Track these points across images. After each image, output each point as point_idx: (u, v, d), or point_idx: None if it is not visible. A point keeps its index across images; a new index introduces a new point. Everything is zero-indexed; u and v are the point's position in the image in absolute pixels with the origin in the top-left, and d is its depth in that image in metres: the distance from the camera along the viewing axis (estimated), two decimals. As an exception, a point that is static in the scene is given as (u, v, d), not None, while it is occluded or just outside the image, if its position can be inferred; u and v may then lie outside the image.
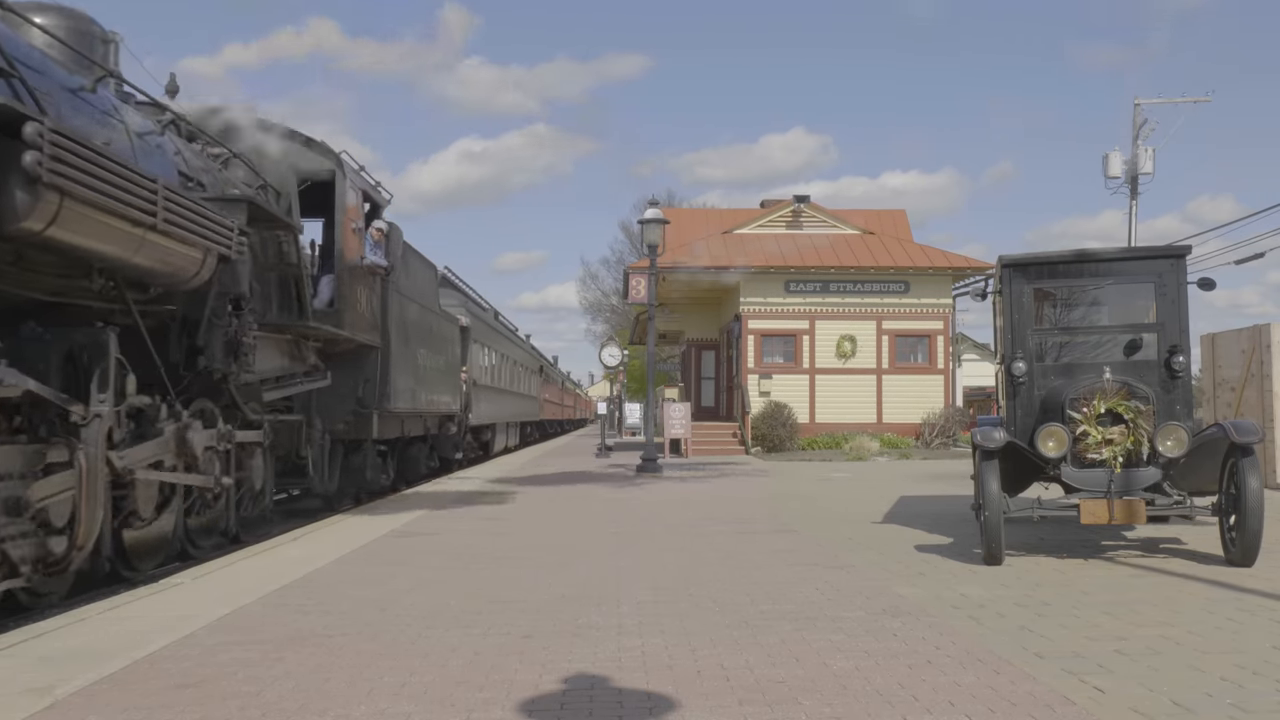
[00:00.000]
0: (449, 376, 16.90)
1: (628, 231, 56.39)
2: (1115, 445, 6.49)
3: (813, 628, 4.71)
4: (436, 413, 15.94)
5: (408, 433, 14.24)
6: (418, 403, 14.12)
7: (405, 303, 13.41)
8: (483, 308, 26.59)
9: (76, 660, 4.18)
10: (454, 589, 5.80)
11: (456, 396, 17.71)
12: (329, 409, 11.23)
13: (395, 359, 12.60)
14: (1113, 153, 28.66)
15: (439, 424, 16.82)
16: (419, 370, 14.21)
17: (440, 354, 15.96)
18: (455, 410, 17.69)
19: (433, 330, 15.52)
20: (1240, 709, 3.40)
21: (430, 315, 15.41)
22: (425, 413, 15.04)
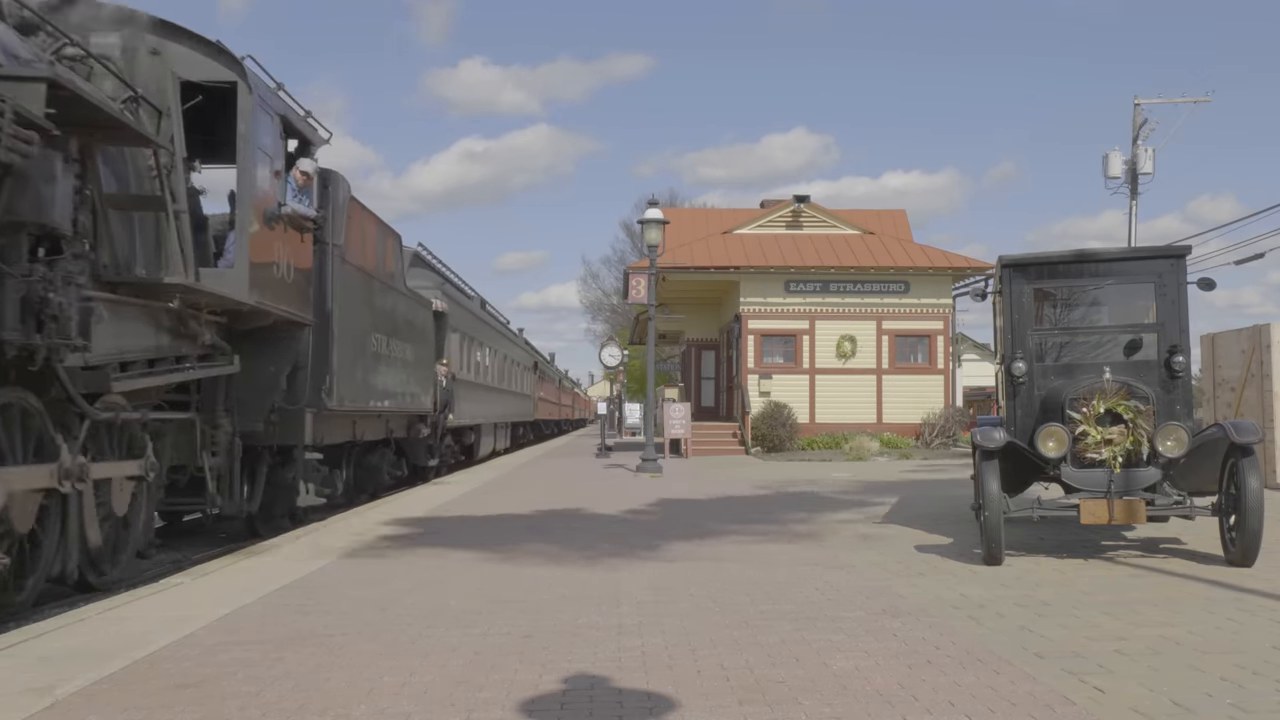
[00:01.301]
0: (420, 369, 14.57)
1: (629, 231, 56.46)
2: (1115, 445, 6.50)
3: (813, 628, 4.71)
4: (403, 411, 13.74)
5: (361, 436, 11.98)
6: (374, 399, 11.87)
7: (355, 275, 10.96)
8: (467, 294, 23.48)
9: (76, 660, 4.17)
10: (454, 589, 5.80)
11: (430, 393, 15.37)
12: (243, 405, 8.70)
13: (341, 343, 10.23)
14: (1113, 153, 28.67)
15: (407, 425, 14.48)
16: (377, 359, 11.96)
17: (408, 342, 13.68)
18: (428, 409, 15.35)
19: (396, 313, 13.12)
20: (1240, 709, 3.40)
21: (393, 295, 12.97)
22: (387, 411, 12.80)
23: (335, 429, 10.76)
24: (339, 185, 10.42)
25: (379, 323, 12.10)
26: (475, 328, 21.95)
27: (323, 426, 10.08)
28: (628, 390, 52.40)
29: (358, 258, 11.07)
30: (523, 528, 8.76)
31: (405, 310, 13.77)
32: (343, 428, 11.11)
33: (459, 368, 19.13)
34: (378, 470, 13.22)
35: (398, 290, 13.36)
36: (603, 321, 63.09)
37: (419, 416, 14.97)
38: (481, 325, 23.13)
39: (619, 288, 46.12)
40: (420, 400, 14.60)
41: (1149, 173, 28.37)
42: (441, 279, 19.43)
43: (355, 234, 10.93)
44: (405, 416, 14.15)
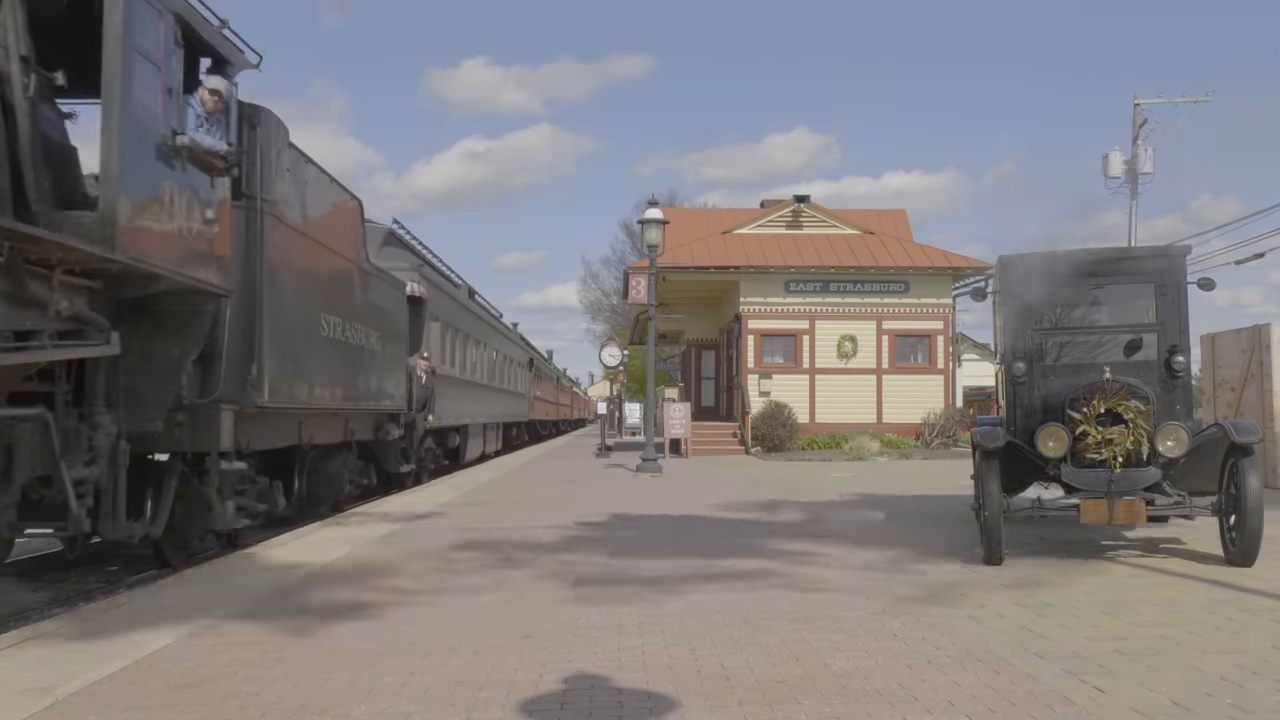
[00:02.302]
0: (391, 361, 12.62)
1: (628, 231, 56.45)
2: (1115, 445, 6.49)
3: (813, 628, 4.71)
4: (369, 410, 11.83)
5: (311, 439, 9.77)
6: (327, 394, 9.80)
7: (297, 241, 8.88)
8: (454, 283, 21.22)
9: (76, 660, 4.17)
10: (454, 589, 5.79)
11: (403, 389, 13.39)
12: (134, 400, 6.79)
13: (274, 323, 8.23)
14: (1113, 152, 28.67)
15: (375, 426, 12.48)
16: (332, 348, 9.90)
17: (374, 329, 11.69)
18: (401, 408, 13.35)
19: (358, 293, 11.04)
20: (1240, 709, 3.40)
21: (353, 271, 10.90)
22: (346, 410, 10.82)
23: (272, 430, 8.71)
24: (272, 127, 8.23)
25: (333, 303, 9.95)
26: (461, 318, 19.86)
27: (252, 427, 8.07)
28: (628, 390, 52.41)
29: (300, 221, 8.95)
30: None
31: (371, 291, 11.68)
32: (284, 429, 9.06)
33: (441, 361, 17.27)
34: (336, 479, 11.01)
35: (359, 266, 11.14)
36: (603, 321, 63.11)
37: (390, 416, 13.04)
38: (469, 316, 20.99)
39: (619, 288, 46.11)
40: (391, 397, 12.64)
41: (1149, 172, 28.38)
42: (419, 260, 17.01)
43: (297, 191, 8.86)
44: (372, 416, 12.25)
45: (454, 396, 18.36)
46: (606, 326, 60.63)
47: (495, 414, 24.43)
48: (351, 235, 10.93)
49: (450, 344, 18.42)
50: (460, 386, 19.26)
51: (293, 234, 8.81)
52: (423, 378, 14.85)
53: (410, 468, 14.49)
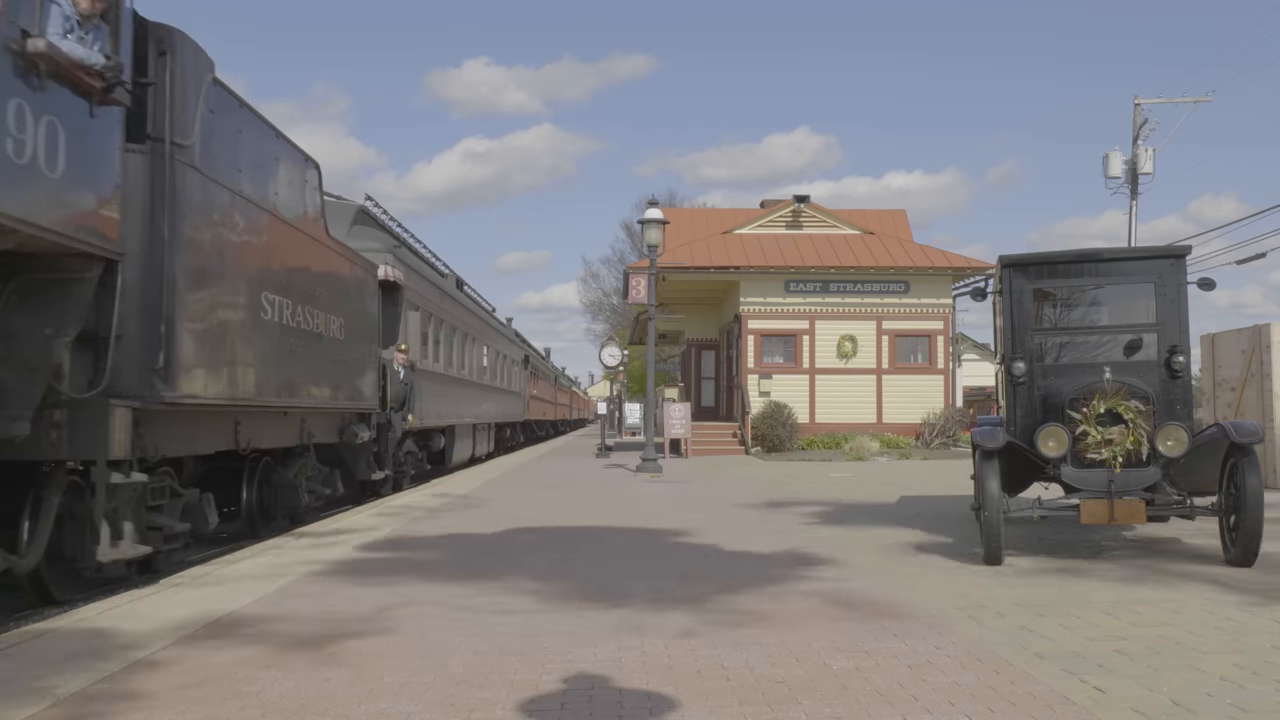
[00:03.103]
0: (358, 353, 11.11)
1: (629, 230, 56.52)
2: (1115, 445, 6.49)
3: (812, 627, 4.71)
4: (332, 409, 10.36)
5: (251, 442, 8.30)
6: (273, 388, 8.35)
7: (226, 201, 7.32)
8: (441, 272, 19.65)
9: (76, 660, 4.17)
10: (454, 589, 5.78)
11: (375, 385, 11.97)
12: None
13: (190, 296, 6.72)
14: (1113, 152, 28.69)
15: (339, 428, 11.02)
16: (276, 333, 8.43)
17: (336, 315, 10.18)
18: (373, 406, 11.88)
19: (313, 272, 9.45)
20: (1240, 709, 3.40)
21: (308, 245, 9.33)
22: (301, 408, 9.35)
23: (195, 432, 7.29)
24: (189, 56, 6.71)
25: (279, 281, 8.43)
26: (447, 308, 18.25)
27: (161, 428, 6.63)
28: (628, 390, 52.42)
29: (231, 177, 7.42)
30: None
31: (332, 271, 10.16)
32: (212, 430, 7.59)
33: (423, 356, 15.68)
34: (292, 490, 9.69)
35: (316, 240, 9.54)
36: (603, 321, 63.14)
37: (359, 416, 11.62)
38: (456, 307, 19.42)
39: (619, 288, 46.13)
40: (359, 394, 11.20)
41: (1149, 172, 28.39)
42: (395, 242, 15.19)
43: (226, 141, 7.36)
44: (335, 415, 10.79)
45: (438, 395, 16.93)
46: (607, 326, 60.67)
47: (486, 414, 23.01)
48: (304, 203, 9.26)
49: (434, 336, 16.86)
50: (446, 384, 17.83)
51: (219, 192, 7.22)
52: (400, 373, 13.55)
53: (385, 474, 13.01)
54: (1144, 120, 28.56)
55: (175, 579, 6.32)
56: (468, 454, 20.47)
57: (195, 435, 7.37)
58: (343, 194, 15.00)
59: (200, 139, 6.86)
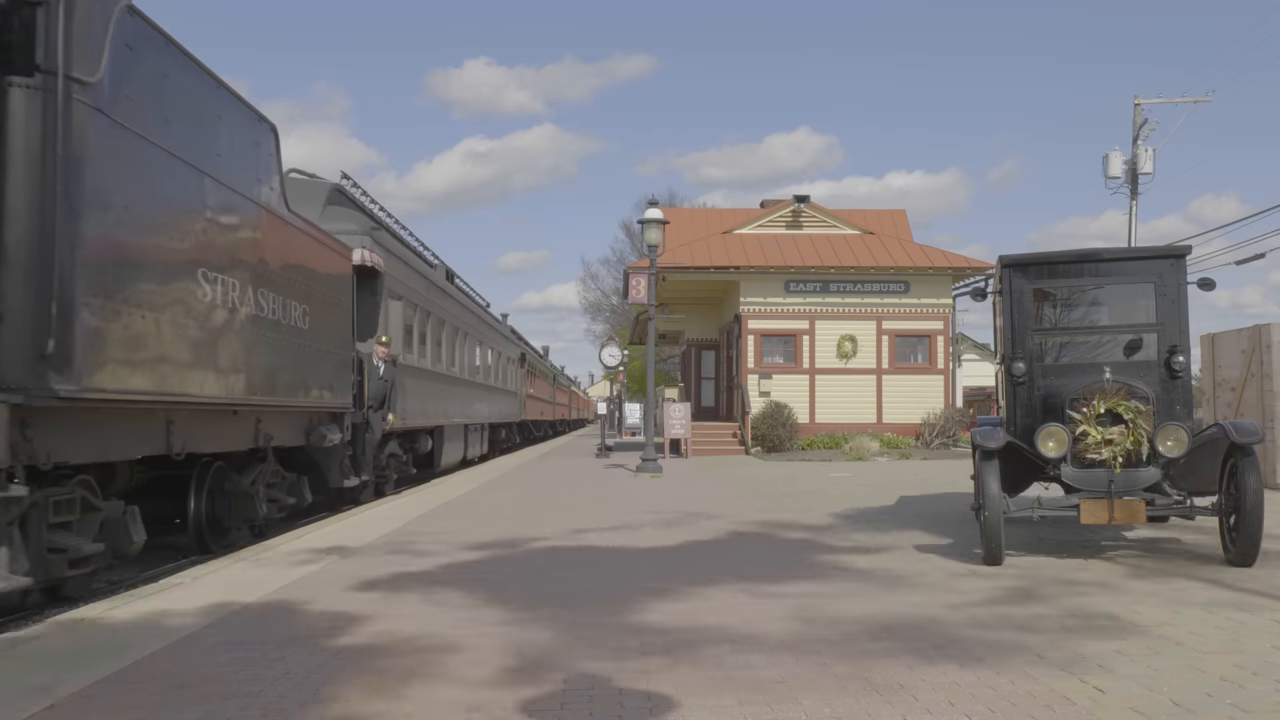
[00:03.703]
0: (327, 345, 10.03)
1: (628, 231, 56.52)
2: (1115, 445, 6.49)
3: (812, 627, 4.71)
4: (294, 407, 9.24)
5: (187, 446, 7.15)
6: (216, 382, 7.28)
7: (149, 157, 6.24)
8: (429, 262, 18.42)
9: (76, 660, 4.17)
10: (454, 589, 5.77)
11: (348, 380, 10.84)
12: None
13: (101, 269, 5.68)
14: (1113, 152, 28.70)
15: (306, 428, 9.86)
16: (219, 317, 7.29)
17: (299, 300, 9.08)
18: (345, 404, 10.74)
19: (268, 249, 8.33)
20: (1240, 709, 3.40)
21: (260, 219, 8.19)
22: (255, 406, 8.26)
23: (108, 434, 6.12)
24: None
25: (221, 257, 7.33)
26: (435, 300, 16.88)
27: (58, 429, 5.55)
28: (628, 390, 52.42)
29: (157, 128, 6.33)
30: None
31: (293, 251, 9.03)
32: (134, 432, 6.43)
33: (407, 350, 14.37)
34: (248, 500, 8.68)
35: (272, 214, 8.43)
36: (603, 322, 63.15)
37: (330, 415, 10.44)
38: (446, 300, 18.07)
39: (619, 288, 46.14)
40: (329, 390, 10.08)
41: (1149, 172, 28.40)
42: (372, 223, 13.57)
43: (151, 86, 6.31)
44: (300, 415, 9.64)
45: (425, 393, 15.66)
46: (606, 326, 60.69)
47: (479, 414, 21.63)
48: (258, 170, 8.15)
49: (420, 330, 15.46)
50: (433, 381, 16.49)
51: (137, 144, 6.08)
52: (380, 368, 12.35)
53: (360, 480, 11.75)
54: (1144, 120, 28.56)
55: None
56: (458, 456, 19.16)
57: (108, 438, 6.10)
58: None
59: (110, 78, 5.71)
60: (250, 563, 6.96)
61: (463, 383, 19.48)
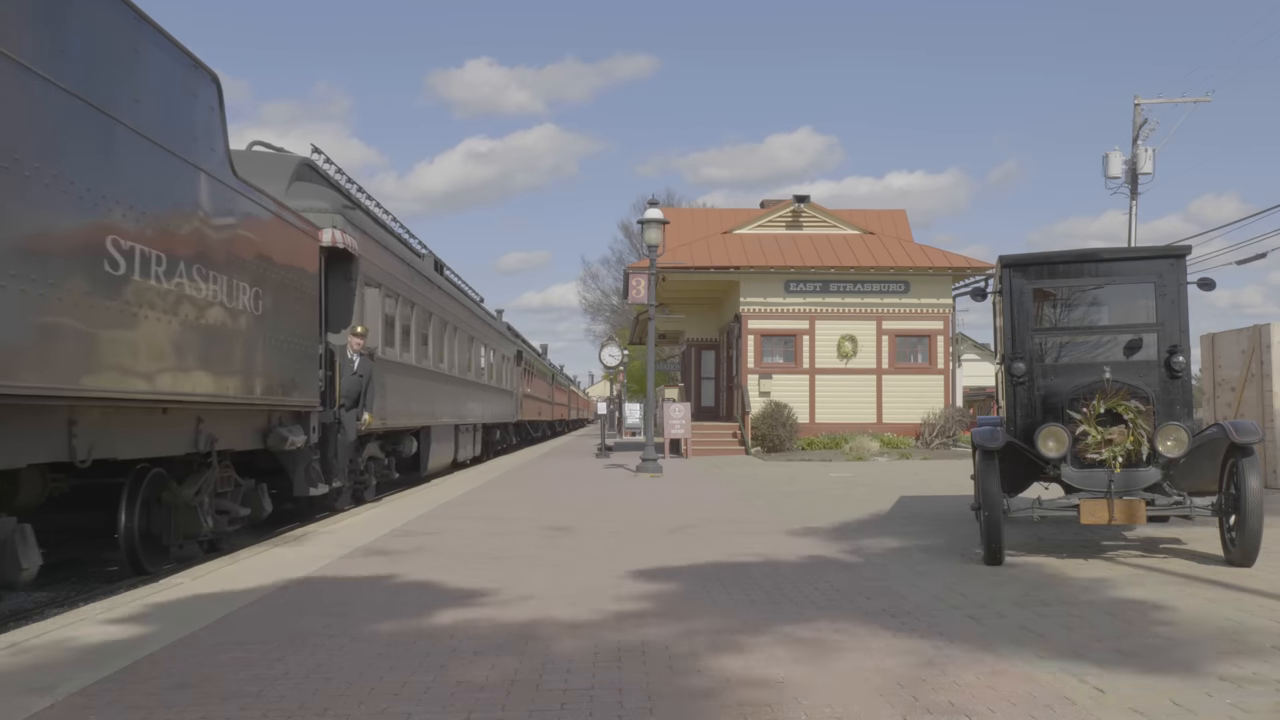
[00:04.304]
0: (287, 335, 8.98)
1: (628, 231, 56.53)
2: (1115, 445, 6.49)
3: (813, 627, 4.71)
4: (246, 405, 8.18)
5: (97, 452, 6.07)
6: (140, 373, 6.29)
7: (16, 79, 5.08)
8: (418, 252, 17.14)
9: (76, 660, 4.17)
10: (454, 589, 5.77)
11: (313, 376, 9.83)
12: None
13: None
14: (1113, 152, 28.69)
15: (264, 430, 8.78)
16: (142, 298, 6.23)
17: (251, 281, 8.07)
18: (311, 402, 9.71)
19: (206, 219, 7.25)
20: (1240, 709, 3.39)
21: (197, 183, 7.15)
22: (195, 404, 7.23)
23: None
24: None
25: (144, 225, 6.23)
26: (421, 291, 15.54)
27: None
28: (628, 390, 52.41)
29: (38, 55, 5.25)
30: None
31: (242, 224, 7.97)
32: (26, 435, 5.42)
33: (387, 343, 13.16)
34: (191, 512, 7.63)
35: (213, 179, 7.38)
36: (603, 322, 63.16)
37: (293, 415, 9.43)
38: (433, 291, 16.72)
39: (619, 288, 46.14)
40: (292, 386, 9.07)
41: (1149, 172, 28.40)
42: (346, 201, 12.08)
43: (32, 4, 5.26)
44: (258, 413, 8.63)
45: (409, 390, 14.42)
46: (607, 326, 60.69)
47: (471, 414, 20.37)
48: (193, 125, 7.07)
49: (403, 322, 14.19)
50: (419, 378, 15.20)
51: (10, 70, 4.98)
52: (354, 362, 11.15)
53: (331, 487, 10.61)
54: (1144, 120, 28.56)
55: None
56: (448, 459, 17.93)
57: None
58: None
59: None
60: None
61: (453, 380, 18.25)
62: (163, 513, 7.50)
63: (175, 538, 7.62)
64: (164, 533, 7.52)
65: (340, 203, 11.43)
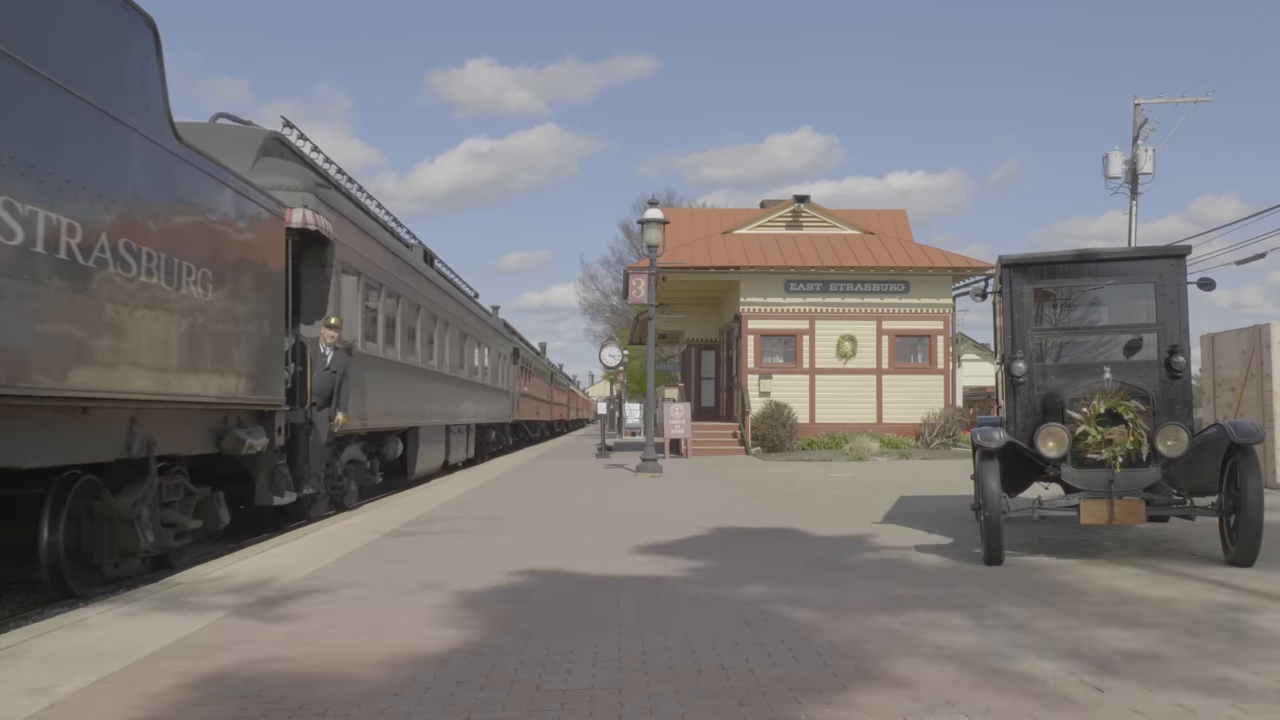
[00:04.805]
0: (245, 324, 8.04)
1: (628, 231, 56.53)
2: (1115, 445, 6.49)
3: (813, 628, 4.71)
4: (197, 402, 7.29)
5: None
6: (39, 364, 5.32)
7: None
8: (406, 242, 16.26)
9: (76, 660, 4.17)
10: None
11: (278, 371, 8.86)
12: None
13: None
14: (1113, 152, 28.69)
15: (217, 432, 7.84)
16: (33, 272, 5.21)
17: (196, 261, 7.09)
18: (275, 401, 8.77)
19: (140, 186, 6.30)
20: (1240, 709, 3.40)
21: (126, 140, 6.16)
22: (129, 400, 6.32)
23: None
24: None
25: (46, 187, 5.31)
26: (408, 282, 14.45)
27: None
28: (628, 390, 52.42)
29: None
30: None
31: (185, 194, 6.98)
32: None
33: (368, 338, 12.15)
34: (127, 526, 6.65)
35: (147, 139, 6.38)
36: (603, 322, 63.16)
37: (254, 415, 8.52)
38: (422, 283, 15.59)
39: (619, 288, 46.15)
40: (252, 383, 8.17)
41: (1149, 172, 28.40)
42: (319, 180, 10.93)
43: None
44: (208, 412, 7.67)
45: (394, 389, 13.45)
46: (607, 327, 60.69)
47: (464, 414, 19.40)
48: (120, 74, 6.12)
49: (387, 314, 13.15)
50: (405, 375, 14.15)
51: None
52: (327, 356, 10.19)
53: (301, 494, 9.63)
54: (1144, 120, 28.56)
55: None
56: (438, 461, 16.99)
57: None
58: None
59: None
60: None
61: (443, 378, 17.20)
62: (94, 527, 6.51)
63: (108, 555, 6.60)
64: (96, 549, 6.52)
65: (313, 180, 10.30)
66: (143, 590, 5.93)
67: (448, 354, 17.61)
